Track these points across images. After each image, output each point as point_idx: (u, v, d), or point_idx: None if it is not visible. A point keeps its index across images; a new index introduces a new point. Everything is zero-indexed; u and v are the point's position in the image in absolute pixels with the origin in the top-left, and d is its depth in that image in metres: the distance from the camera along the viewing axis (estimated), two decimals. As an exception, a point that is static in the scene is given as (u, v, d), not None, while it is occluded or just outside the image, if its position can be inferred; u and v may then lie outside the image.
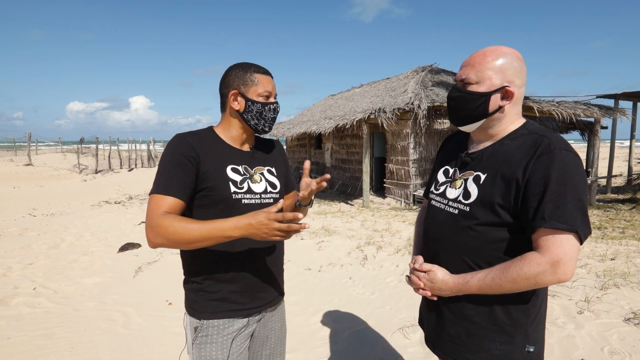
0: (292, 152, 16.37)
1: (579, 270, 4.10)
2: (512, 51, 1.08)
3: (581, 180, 0.98)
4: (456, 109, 1.13)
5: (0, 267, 4.44)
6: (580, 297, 3.39)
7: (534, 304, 1.09)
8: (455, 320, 1.14)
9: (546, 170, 0.97)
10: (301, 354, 2.61)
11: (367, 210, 8.08)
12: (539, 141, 1.02)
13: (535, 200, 0.97)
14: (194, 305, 1.23)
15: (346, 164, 11.47)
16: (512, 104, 1.08)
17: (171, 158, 1.16)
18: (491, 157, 1.09)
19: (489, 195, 1.05)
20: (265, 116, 1.27)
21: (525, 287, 0.99)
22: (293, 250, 5.14)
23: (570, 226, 0.94)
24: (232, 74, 1.26)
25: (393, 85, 11.17)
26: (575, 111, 7.42)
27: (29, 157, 19.17)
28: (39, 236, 5.97)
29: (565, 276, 0.96)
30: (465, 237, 1.10)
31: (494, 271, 1.02)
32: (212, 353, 1.20)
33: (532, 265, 0.96)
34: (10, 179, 14.62)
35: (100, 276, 4.09)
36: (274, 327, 1.38)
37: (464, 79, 1.10)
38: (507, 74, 1.06)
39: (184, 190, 1.15)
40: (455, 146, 1.25)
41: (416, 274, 1.17)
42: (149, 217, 1.10)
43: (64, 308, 3.34)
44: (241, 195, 1.23)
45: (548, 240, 0.96)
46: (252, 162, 1.31)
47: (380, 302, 3.41)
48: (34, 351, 2.65)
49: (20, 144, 25.84)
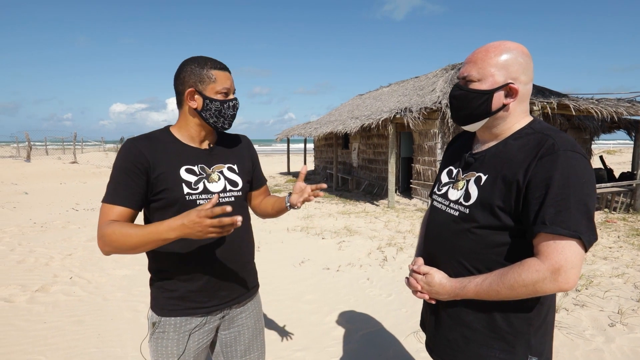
0: (319, 152, 16.43)
1: (614, 280, 3.84)
2: (517, 46, 1.02)
3: (587, 184, 0.92)
4: (458, 107, 1.09)
5: (43, 256, 4.81)
6: (613, 308, 3.18)
7: (538, 313, 1.03)
8: (454, 325, 1.11)
9: (549, 172, 0.92)
10: (312, 353, 2.63)
11: (392, 211, 7.98)
12: (543, 141, 0.96)
13: (537, 203, 0.92)
14: (155, 301, 1.26)
15: (373, 164, 11.37)
16: (517, 102, 1.03)
17: (119, 165, 1.16)
18: (494, 157, 1.05)
19: (488, 198, 1.01)
20: (224, 114, 1.23)
21: (523, 294, 0.94)
22: (312, 249, 5.18)
23: (573, 232, 0.89)
24: (187, 70, 1.20)
25: (421, 84, 10.93)
26: (618, 109, 6.91)
27: (74, 155, 20.53)
28: (79, 229, 6.40)
29: (566, 285, 0.90)
30: (464, 240, 1.06)
31: (492, 276, 0.98)
32: (167, 348, 1.23)
33: (531, 271, 0.92)
34: (57, 175, 15.74)
35: (129, 269, 4.33)
36: (246, 324, 1.37)
37: (465, 77, 1.06)
38: (511, 70, 1.01)
39: (132, 198, 1.15)
40: (460, 146, 1.22)
41: (414, 276, 1.15)
42: (98, 227, 1.12)
43: (95, 297, 3.57)
44: (196, 196, 1.21)
45: (549, 246, 0.91)
46: (210, 160, 1.28)
47: (397, 305, 3.37)
48: (66, 336, 2.85)
49: (68, 143, 27.69)
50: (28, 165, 17.78)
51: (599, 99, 7.39)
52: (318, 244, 5.47)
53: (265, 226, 6.54)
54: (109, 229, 1.08)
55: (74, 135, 21.81)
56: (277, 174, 17.43)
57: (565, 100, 6.93)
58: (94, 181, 14.50)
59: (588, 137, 10.28)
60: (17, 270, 4.31)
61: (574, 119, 9.49)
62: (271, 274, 4.19)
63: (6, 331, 2.92)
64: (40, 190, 11.58)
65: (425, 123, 8.41)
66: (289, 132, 15.40)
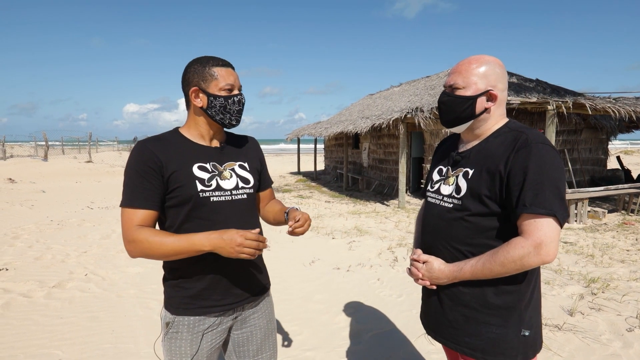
0: (329, 152, 16.42)
1: (632, 284, 3.75)
2: (493, 59, 1.20)
3: (557, 170, 1.07)
4: (446, 112, 1.25)
5: (60, 254, 4.93)
6: (631, 312, 3.10)
7: (526, 288, 1.16)
8: (453, 305, 1.23)
9: (524, 162, 1.07)
10: (322, 352, 2.64)
11: (403, 211, 7.93)
12: (518, 137, 1.12)
13: (517, 189, 1.07)
14: (170, 301, 1.26)
15: (383, 164, 11.32)
16: (496, 106, 1.20)
17: (134, 168, 1.16)
18: (478, 154, 1.20)
19: (476, 188, 1.15)
20: (230, 110, 1.23)
21: (513, 269, 1.07)
22: (323, 249, 5.18)
23: (549, 210, 1.03)
24: (190, 70, 1.22)
25: (432, 83, 10.84)
26: (636, 108, 6.72)
27: (89, 154, 20.97)
28: (94, 227, 6.53)
29: (548, 257, 1.04)
30: (458, 227, 1.19)
31: (485, 257, 1.11)
32: (180, 348, 1.23)
33: (517, 248, 1.05)
34: (73, 174, 16.10)
35: (142, 266, 4.40)
36: (258, 324, 1.38)
37: (452, 85, 1.21)
38: (490, 79, 1.18)
39: (152, 199, 1.15)
40: (448, 147, 1.37)
41: (415, 265, 1.28)
42: (124, 231, 1.12)
43: (109, 294, 3.64)
44: (209, 193, 1.21)
45: (530, 224, 1.05)
46: (221, 158, 1.29)
47: (407, 305, 3.35)
48: (81, 331, 2.92)
49: (83, 143, 28.30)
50: (45, 164, 18.23)
51: (616, 97, 7.21)
52: (328, 243, 5.47)
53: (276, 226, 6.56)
54: (140, 235, 1.09)
55: (89, 135, 22.29)
56: (287, 174, 17.50)
57: (581, 99, 6.78)
58: (108, 180, 14.78)
59: (605, 137, 10.05)
60: (35, 266, 4.43)
61: (590, 118, 9.28)
62: (281, 273, 4.20)
63: (26, 325, 3.00)
64: (57, 189, 11.86)
65: (437, 123, 8.33)
66: (299, 132, 15.43)
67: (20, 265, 4.46)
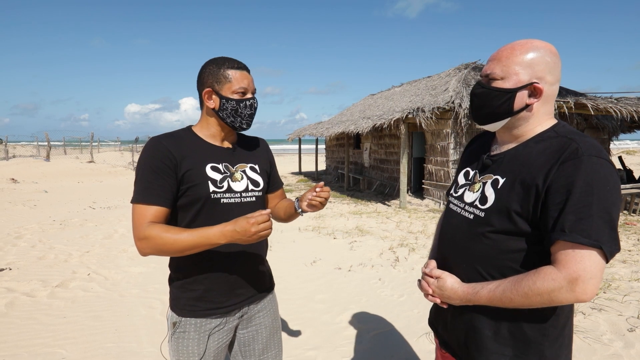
0: (331, 152, 16.44)
1: (633, 284, 3.75)
2: (544, 45, 0.98)
3: (612, 191, 0.87)
4: (479, 106, 1.06)
5: (62, 253, 4.95)
6: (633, 313, 3.11)
7: (554, 323, 0.99)
8: (465, 330, 1.08)
9: (570, 177, 0.87)
10: (324, 352, 2.65)
11: (404, 212, 7.93)
12: (566, 145, 0.91)
13: (556, 209, 0.88)
14: (175, 302, 1.26)
15: (384, 164, 11.32)
16: (541, 102, 0.99)
17: (148, 164, 1.15)
18: (513, 160, 1.01)
19: (505, 202, 0.97)
20: (241, 113, 1.23)
21: (538, 303, 0.90)
22: (324, 249, 5.19)
23: (594, 241, 0.83)
24: (206, 71, 1.22)
25: (434, 83, 10.83)
26: (638, 108, 6.72)
27: (91, 154, 21.03)
28: (96, 227, 6.56)
29: (584, 295, 0.86)
30: (478, 244, 1.02)
31: (506, 283, 0.94)
32: (188, 348, 1.23)
33: (547, 280, 0.87)
34: (75, 174, 16.15)
35: (144, 266, 4.42)
36: (263, 322, 1.38)
37: (488, 74, 1.02)
38: (537, 70, 0.96)
39: (165, 196, 1.14)
40: (478, 147, 1.18)
41: (426, 279, 1.13)
42: (135, 228, 1.10)
43: (112, 294, 3.66)
44: (220, 195, 1.21)
45: (567, 254, 0.86)
46: (233, 159, 1.28)
47: (409, 305, 3.36)
48: (85, 330, 2.93)
49: (85, 143, 28.39)
50: (47, 164, 18.29)
51: (618, 97, 7.20)
52: (330, 243, 5.48)
53: (277, 225, 6.58)
54: (152, 232, 1.07)
55: (90, 135, 22.35)
56: (288, 174, 17.51)
57: (582, 99, 6.77)
58: (110, 180, 14.83)
59: (607, 137, 10.03)
60: (37, 266, 4.45)
61: (591, 118, 9.26)
62: (283, 273, 4.22)
63: (29, 324, 3.02)
64: (59, 189, 11.90)
65: (438, 123, 8.33)
66: (300, 132, 15.45)
67: (24, 264, 4.49)
